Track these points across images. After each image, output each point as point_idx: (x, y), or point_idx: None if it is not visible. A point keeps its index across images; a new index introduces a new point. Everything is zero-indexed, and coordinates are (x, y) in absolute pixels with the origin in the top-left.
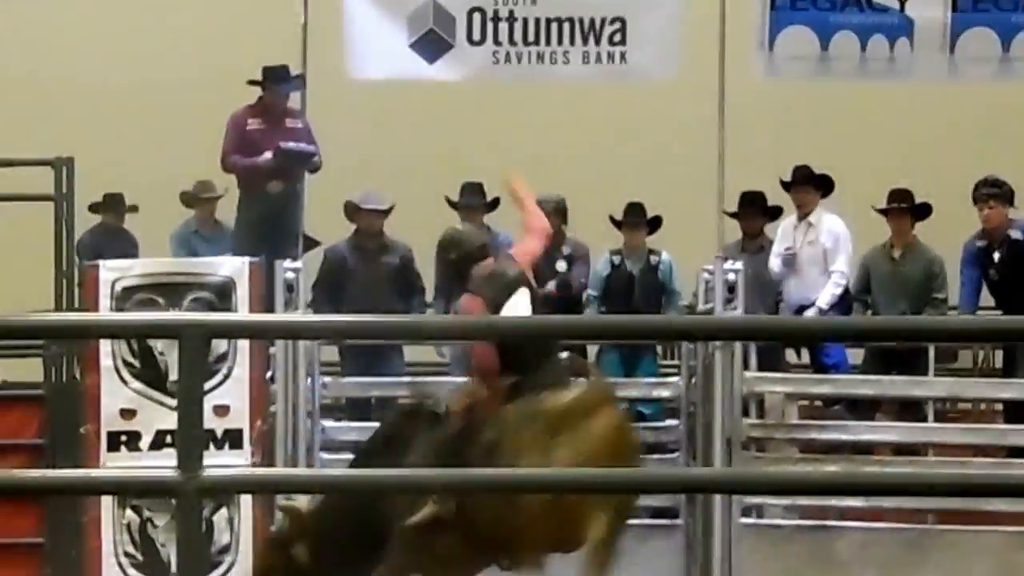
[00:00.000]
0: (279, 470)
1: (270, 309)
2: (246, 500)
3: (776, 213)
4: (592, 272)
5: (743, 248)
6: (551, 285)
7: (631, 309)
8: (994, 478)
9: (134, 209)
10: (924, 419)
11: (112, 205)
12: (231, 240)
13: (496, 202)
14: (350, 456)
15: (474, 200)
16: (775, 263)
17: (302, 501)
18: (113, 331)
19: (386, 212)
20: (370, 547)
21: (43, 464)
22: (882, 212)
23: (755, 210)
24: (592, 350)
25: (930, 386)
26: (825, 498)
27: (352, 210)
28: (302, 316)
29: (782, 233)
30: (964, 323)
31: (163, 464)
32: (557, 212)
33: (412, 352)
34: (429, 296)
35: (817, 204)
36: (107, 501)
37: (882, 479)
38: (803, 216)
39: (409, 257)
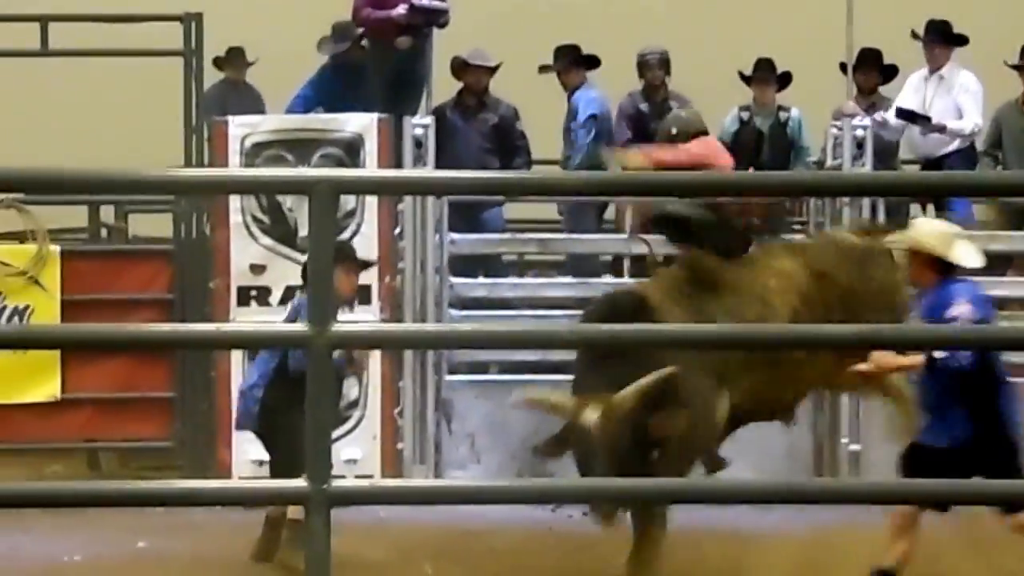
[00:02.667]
0: (408, 325)
1: (398, 165)
2: (374, 356)
3: (892, 72)
4: (720, 127)
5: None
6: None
7: (758, 166)
8: None
9: (253, 64)
10: None
11: (234, 59)
12: (360, 95)
13: (594, 60)
14: (478, 312)
15: (567, 62)
16: (892, 115)
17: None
18: (245, 187)
19: (493, 69)
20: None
21: (172, 319)
22: (1015, 68)
23: (871, 67)
24: None
25: None
26: None
27: (459, 66)
28: (430, 172)
29: (911, 86)
30: None
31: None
32: (661, 64)
33: (513, 210)
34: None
35: (949, 59)
36: (237, 356)
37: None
38: (934, 70)
39: (511, 116)
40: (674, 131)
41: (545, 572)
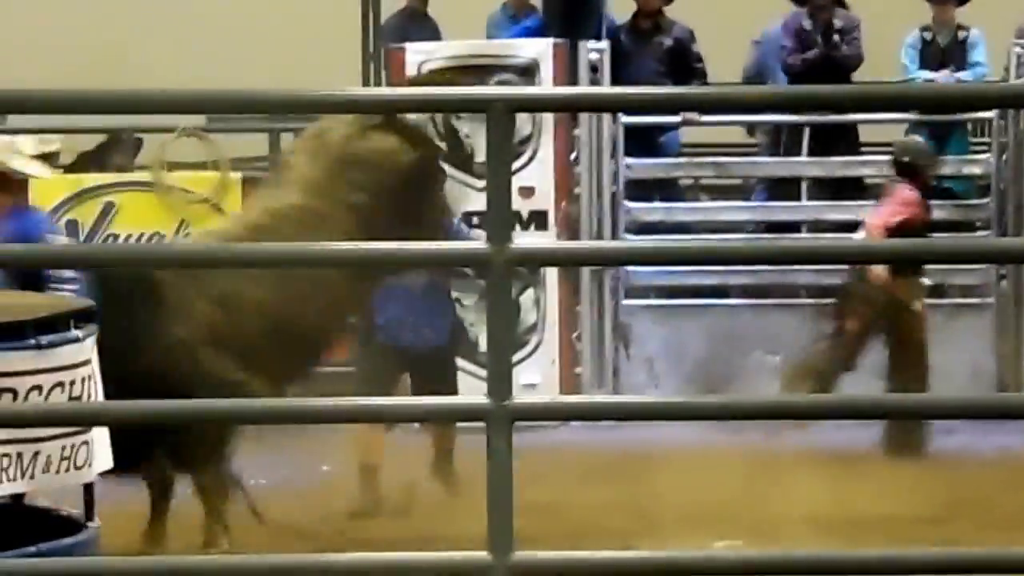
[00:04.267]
0: (586, 243)
1: None
2: (552, 281)
3: None
4: (904, 47)
5: None
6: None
7: None
8: None
9: None
10: None
11: None
12: (538, 21)
13: None
14: (653, 236)
15: None
16: None
17: None
18: (421, 106)
19: None
20: None
21: None
22: None
23: None
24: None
25: None
26: None
27: None
28: (606, 88)
29: None
30: None
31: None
32: None
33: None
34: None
35: None
36: None
37: None
38: None
39: (685, 39)
40: (906, 159)
41: (723, 491)
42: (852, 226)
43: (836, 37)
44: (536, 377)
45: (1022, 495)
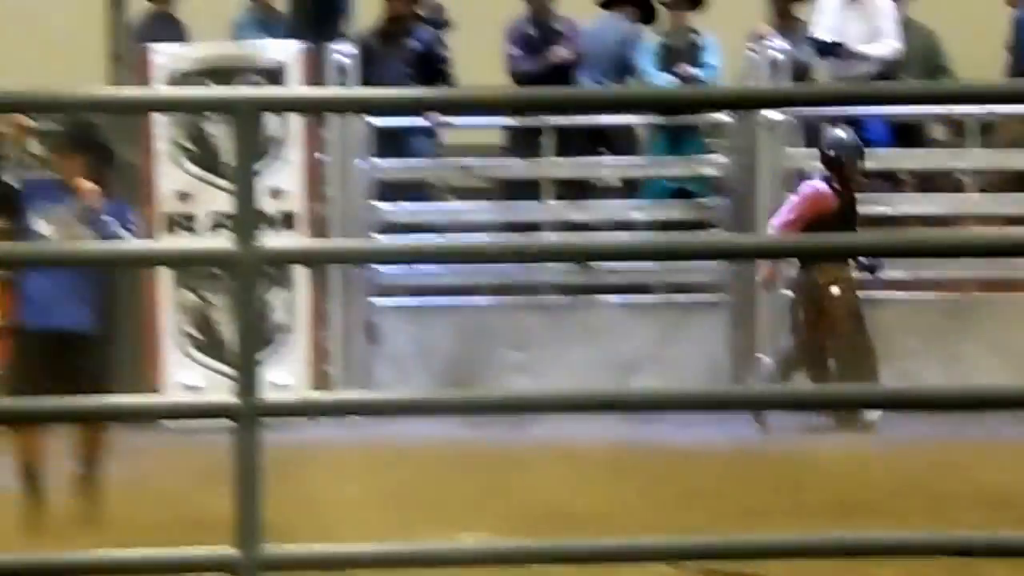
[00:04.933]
0: (331, 242)
1: None
2: (302, 281)
3: None
4: (642, 52)
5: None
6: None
7: None
8: None
9: None
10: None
11: None
12: (283, 24)
13: None
14: (403, 235)
15: None
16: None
17: None
18: (167, 106)
19: None
20: None
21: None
22: None
23: None
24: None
25: (970, 158)
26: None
27: None
28: (354, 90)
29: (826, 8)
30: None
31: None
32: None
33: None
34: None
35: None
36: (166, 282)
37: (924, 240)
38: None
39: (432, 42)
40: (832, 153)
41: (474, 489)
42: (589, 226)
43: (557, 40)
44: (287, 376)
45: (754, 485)
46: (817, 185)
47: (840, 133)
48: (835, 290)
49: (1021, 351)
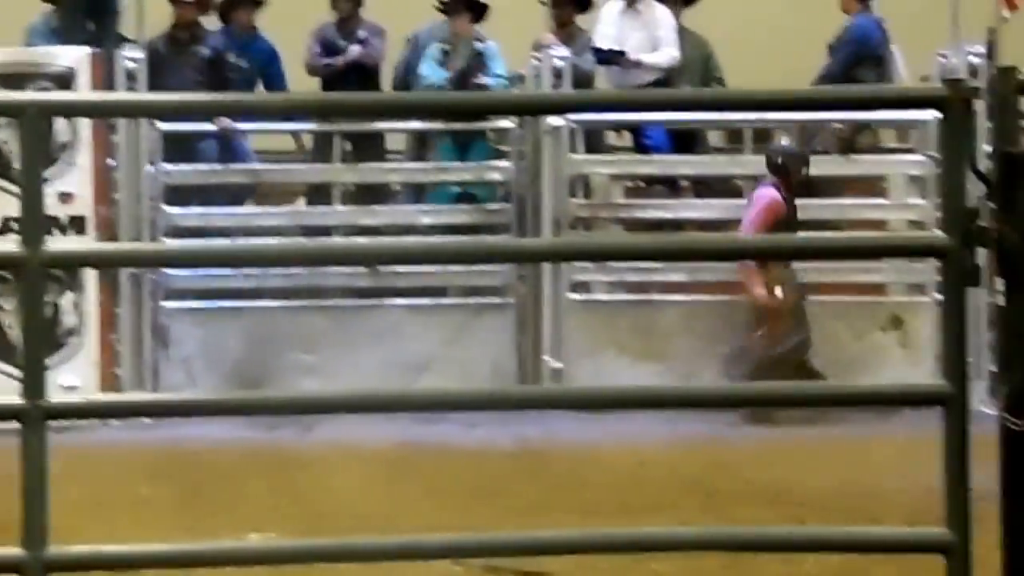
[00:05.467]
0: (118, 245)
1: None
2: (91, 284)
3: (586, 4)
4: (424, 59)
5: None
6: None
7: None
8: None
9: None
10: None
11: None
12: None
13: None
14: (194, 240)
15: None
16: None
17: None
18: None
19: (200, 3)
20: None
21: None
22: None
23: (566, 0)
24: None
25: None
26: (649, 273)
27: None
28: (141, 95)
29: (607, 19)
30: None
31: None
32: None
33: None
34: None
35: None
36: None
37: (703, 244)
38: (630, 3)
39: (221, 49)
40: (779, 161)
41: (263, 490)
42: (380, 230)
43: (358, 44)
44: (76, 379)
45: (538, 483)
46: (770, 192)
47: (785, 141)
48: (778, 292)
49: None
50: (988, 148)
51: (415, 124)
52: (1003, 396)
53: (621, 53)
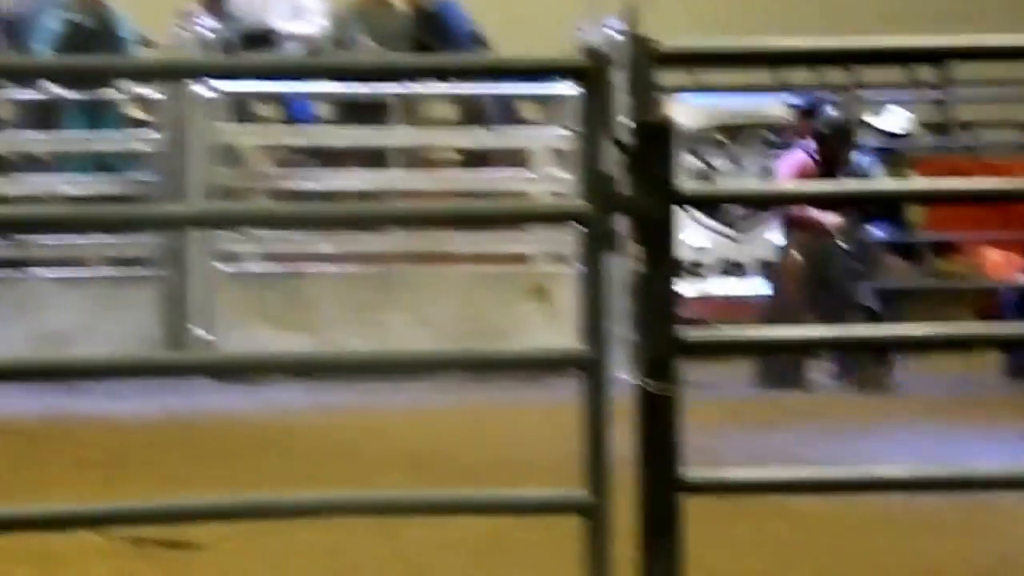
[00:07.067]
0: None
1: None
2: None
3: None
4: (41, 29)
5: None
6: None
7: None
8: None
9: None
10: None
11: None
12: None
13: None
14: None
15: None
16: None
17: None
18: None
19: None
20: None
21: None
22: None
23: None
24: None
25: (397, 136)
26: (298, 244)
27: None
28: None
29: None
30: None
31: None
32: None
33: None
34: None
35: None
36: None
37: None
38: None
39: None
40: (825, 131)
41: None
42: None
43: None
44: None
45: (184, 453)
46: (799, 155)
47: (834, 114)
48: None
49: (441, 320)
50: (628, 121)
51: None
52: (641, 361)
53: (270, 31)
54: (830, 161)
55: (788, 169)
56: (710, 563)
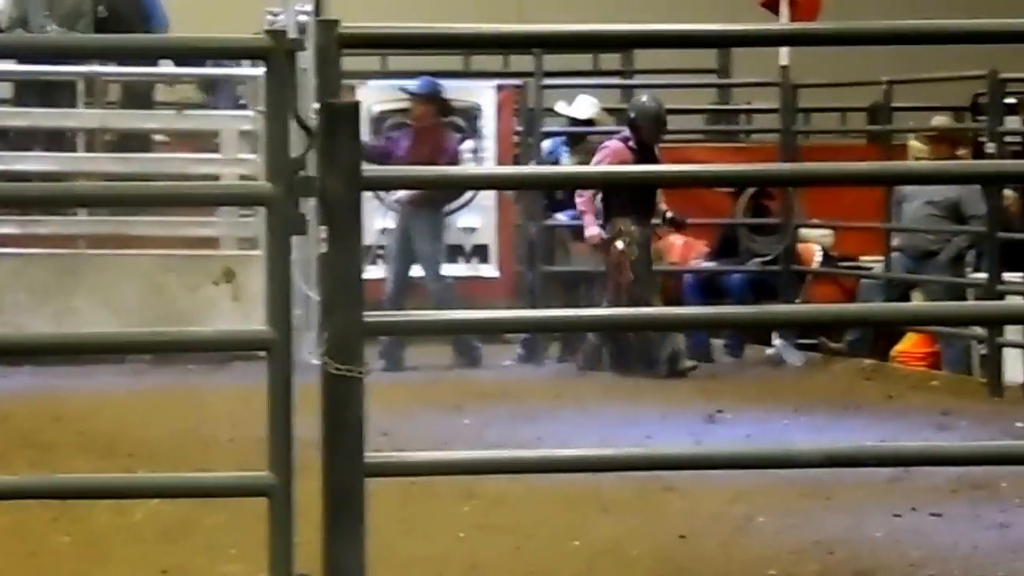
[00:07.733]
0: None
1: None
2: None
3: None
4: None
5: None
6: None
7: None
8: None
9: None
10: (74, 149)
11: None
12: None
13: None
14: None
15: None
16: None
17: None
18: None
19: None
20: None
21: None
22: None
23: None
24: None
25: (81, 118)
26: None
27: None
28: None
29: None
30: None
31: None
32: None
33: None
34: None
35: None
36: None
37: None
38: None
39: None
40: (632, 115)
41: None
42: None
43: None
44: None
45: None
46: (615, 144)
47: (644, 100)
48: (619, 244)
49: (128, 304)
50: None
51: None
52: (325, 341)
53: None
54: (645, 147)
55: (603, 156)
56: (396, 545)
